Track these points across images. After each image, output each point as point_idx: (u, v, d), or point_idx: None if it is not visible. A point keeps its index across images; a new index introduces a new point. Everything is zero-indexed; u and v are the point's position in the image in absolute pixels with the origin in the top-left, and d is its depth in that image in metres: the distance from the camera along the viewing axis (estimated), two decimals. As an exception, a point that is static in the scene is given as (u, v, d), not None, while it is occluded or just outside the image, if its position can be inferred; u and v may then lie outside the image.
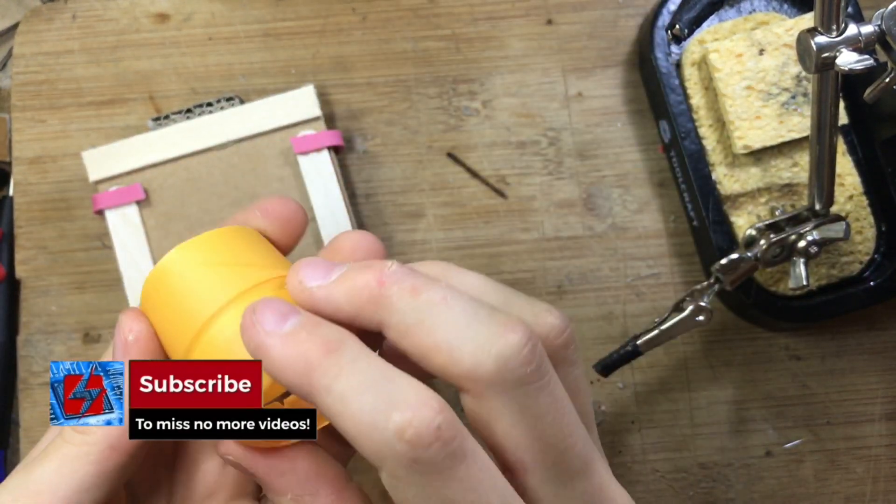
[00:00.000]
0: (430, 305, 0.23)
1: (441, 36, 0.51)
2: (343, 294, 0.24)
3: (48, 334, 0.48)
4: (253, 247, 0.29)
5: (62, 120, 0.50)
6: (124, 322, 0.27)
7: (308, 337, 0.23)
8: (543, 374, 0.23)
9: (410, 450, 0.21)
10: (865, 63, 0.35)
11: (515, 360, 0.22)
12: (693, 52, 0.48)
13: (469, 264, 0.49)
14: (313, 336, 0.23)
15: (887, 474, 0.48)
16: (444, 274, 0.26)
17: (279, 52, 0.51)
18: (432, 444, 0.21)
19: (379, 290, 0.24)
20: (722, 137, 0.47)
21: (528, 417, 0.23)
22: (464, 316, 0.23)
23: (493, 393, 0.23)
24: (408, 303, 0.23)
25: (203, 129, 0.47)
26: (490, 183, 0.50)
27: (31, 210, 0.49)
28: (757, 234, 0.45)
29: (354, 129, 0.50)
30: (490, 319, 0.23)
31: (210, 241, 0.28)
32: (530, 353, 0.23)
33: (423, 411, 0.21)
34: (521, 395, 0.23)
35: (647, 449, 0.48)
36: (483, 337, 0.22)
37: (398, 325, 0.24)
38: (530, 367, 0.23)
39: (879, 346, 0.49)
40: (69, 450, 0.25)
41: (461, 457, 0.22)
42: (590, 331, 0.49)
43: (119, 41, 0.51)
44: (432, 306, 0.23)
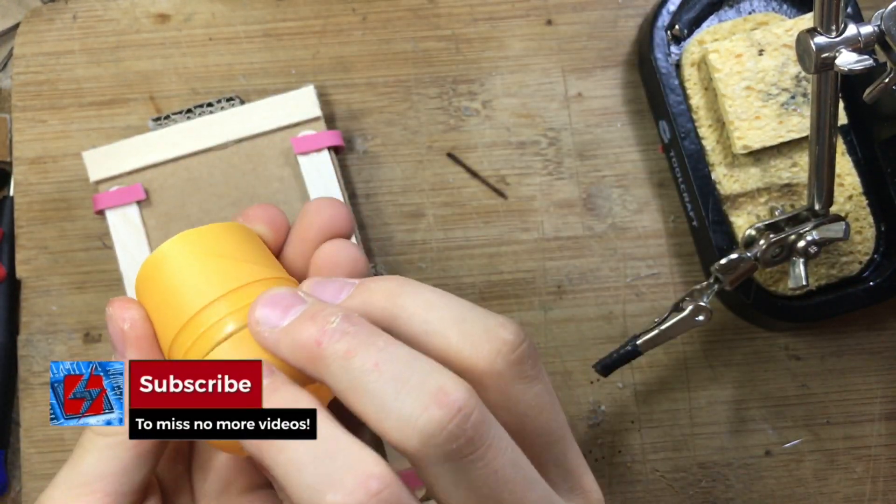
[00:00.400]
0: (361, 372, 0.23)
1: (441, 36, 0.51)
2: (286, 348, 0.24)
3: (49, 334, 0.48)
4: (247, 244, 0.29)
5: (63, 120, 0.50)
6: (116, 313, 0.27)
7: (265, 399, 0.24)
8: (477, 447, 0.22)
9: None
10: (865, 63, 0.35)
11: (440, 437, 0.22)
12: (693, 53, 0.48)
13: (469, 264, 0.49)
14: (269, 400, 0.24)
15: (886, 474, 0.48)
16: (394, 296, 0.25)
17: (279, 53, 0.51)
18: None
19: (316, 349, 0.23)
20: (721, 138, 0.47)
21: (462, 490, 0.23)
22: (392, 385, 0.22)
23: (424, 465, 0.22)
24: (340, 366, 0.23)
25: (203, 129, 0.47)
26: (490, 183, 0.50)
27: (31, 210, 0.49)
28: (756, 234, 0.45)
29: (355, 129, 0.50)
30: (421, 387, 0.22)
31: (208, 233, 0.28)
32: (457, 428, 0.22)
33: (358, 493, 0.21)
34: (451, 470, 0.22)
35: (647, 449, 0.48)
36: (409, 410, 0.22)
37: (335, 386, 0.23)
38: (457, 442, 0.22)
39: (879, 345, 0.49)
40: (105, 441, 0.26)
41: None
42: (589, 331, 0.49)
43: (120, 41, 0.51)
44: (363, 374, 0.23)
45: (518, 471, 0.23)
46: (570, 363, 0.49)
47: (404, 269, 0.49)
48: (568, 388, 0.48)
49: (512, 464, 0.23)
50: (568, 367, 0.49)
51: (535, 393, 0.25)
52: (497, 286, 0.49)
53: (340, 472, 0.22)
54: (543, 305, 0.49)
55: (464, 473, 0.22)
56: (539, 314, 0.49)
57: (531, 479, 0.24)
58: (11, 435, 0.48)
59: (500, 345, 0.24)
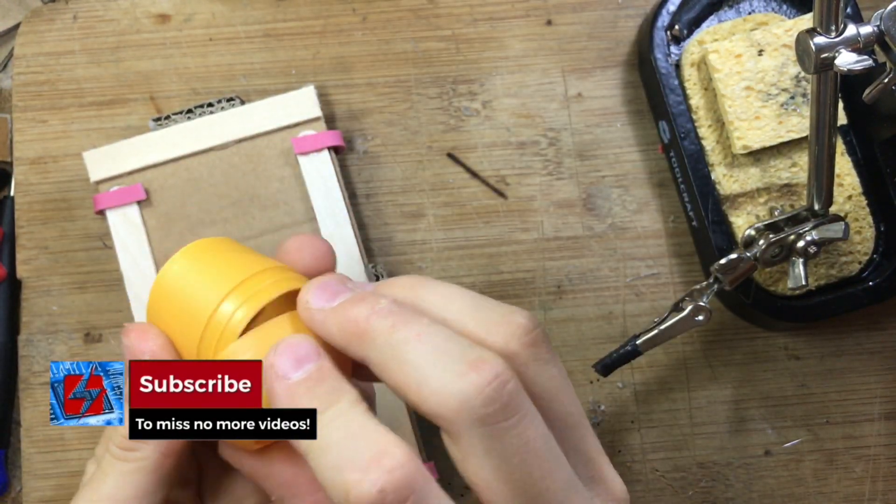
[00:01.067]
0: (404, 343, 0.24)
1: (441, 36, 0.51)
2: (336, 325, 0.25)
3: (49, 334, 0.48)
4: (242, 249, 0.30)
5: (63, 120, 0.50)
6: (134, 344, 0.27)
7: (306, 392, 0.24)
8: (510, 414, 0.23)
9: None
10: (864, 63, 0.35)
11: (477, 399, 0.22)
12: (692, 53, 0.48)
13: (469, 264, 0.49)
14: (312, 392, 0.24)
15: (886, 474, 0.48)
16: (414, 288, 0.27)
17: (280, 53, 0.51)
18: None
19: (365, 325, 0.25)
20: (721, 138, 0.48)
21: (495, 459, 0.23)
22: (434, 353, 0.23)
23: (459, 431, 0.23)
24: (386, 339, 0.24)
25: (204, 129, 0.47)
26: (490, 183, 0.50)
27: (32, 210, 0.49)
28: (756, 234, 0.45)
29: (355, 129, 0.50)
30: (460, 357, 0.23)
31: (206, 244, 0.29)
32: (494, 392, 0.23)
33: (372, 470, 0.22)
34: (486, 436, 0.23)
35: (647, 448, 0.48)
36: (449, 375, 0.23)
37: (376, 360, 0.24)
38: (493, 406, 0.23)
39: (878, 345, 0.49)
40: (125, 466, 0.27)
41: None
42: (589, 331, 0.49)
43: (120, 42, 0.51)
44: (406, 343, 0.24)
45: (549, 446, 0.24)
46: (570, 363, 0.49)
47: (404, 269, 0.49)
48: (568, 387, 0.48)
49: (543, 438, 0.24)
50: (568, 366, 0.49)
51: (550, 375, 0.25)
52: (497, 286, 0.49)
53: (359, 452, 0.22)
54: (543, 305, 0.49)
55: (497, 441, 0.23)
56: (539, 314, 0.49)
57: (559, 458, 0.24)
58: (12, 435, 0.49)
59: (515, 328, 0.25)
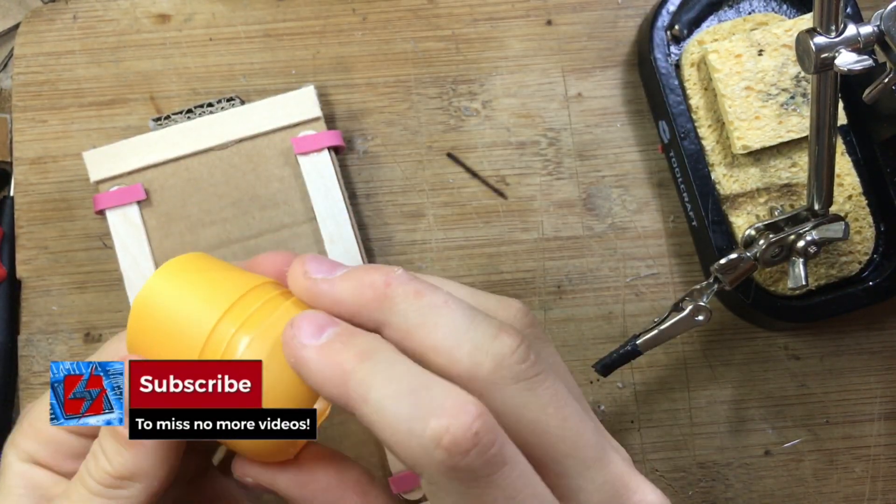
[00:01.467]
0: (432, 308, 0.24)
1: (441, 36, 0.51)
2: (348, 290, 0.25)
3: (49, 334, 0.48)
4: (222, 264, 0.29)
5: (63, 120, 0.50)
6: None
7: (343, 347, 0.24)
8: (539, 371, 0.24)
9: (449, 457, 0.21)
10: (864, 63, 0.35)
11: (511, 358, 0.23)
12: (692, 53, 0.48)
13: (469, 264, 0.49)
14: (348, 346, 0.24)
15: (886, 474, 0.48)
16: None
17: (280, 53, 0.51)
18: (470, 450, 0.21)
19: (385, 290, 0.25)
20: (721, 138, 0.48)
21: (532, 411, 0.24)
22: (463, 319, 0.24)
23: (493, 391, 0.23)
24: (411, 304, 0.24)
25: (204, 129, 0.47)
26: (490, 183, 0.50)
27: (32, 210, 0.49)
28: (756, 234, 0.45)
29: (355, 129, 0.50)
30: (487, 323, 0.24)
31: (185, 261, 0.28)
32: (525, 351, 0.23)
33: (461, 417, 0.22)
34: (521, 391, 0.23)
35: (647, 448, 0.48)
36: (480, 338, 0.23)
37: (400, 324, 0.24)
38: (526, 363, 0.23)
39: (878, 345, 0.49)
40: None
41: (500, 463, 0.22)
42: (589, 330, 0.49)
43: (120, 42, 0.51)
44: (434, 308, 0.24)
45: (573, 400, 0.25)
46: (570, 363, 0.49)
47: (404, 268, 0.49)
48: (568, 387, 0.48)
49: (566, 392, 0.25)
50: (568, 366, 0.49)
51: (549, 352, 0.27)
52: (497, 286, 0.49)
53: (440, 398, 0.22)
54: (543, 305, 0.49)
55: (533, 394, 0.24)
56: (539, 314, 0.49)
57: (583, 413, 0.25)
58: (12, 434, 0.49)
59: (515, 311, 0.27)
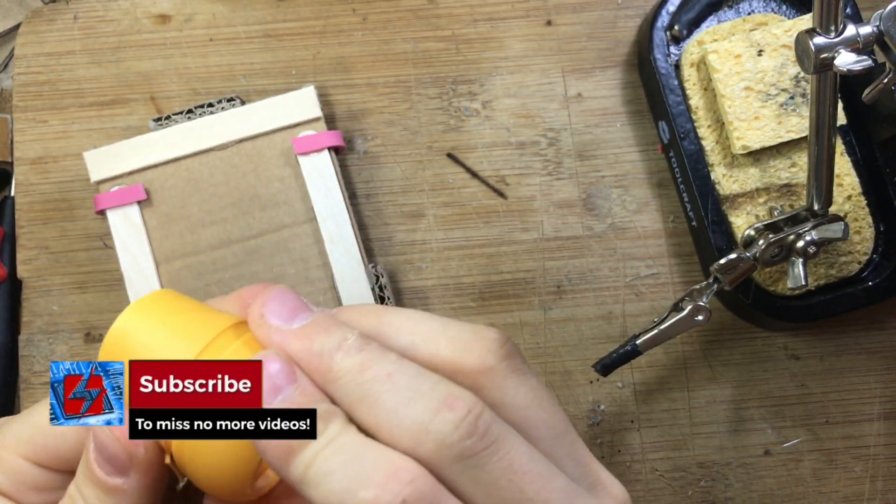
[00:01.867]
0: (374, 382, 0.23)
1: (441, 37, 0.51)
2: (298, 351, 0.25)
3: (50, 334, 0.48)
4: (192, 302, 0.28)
5: (64, 120, 0.50)
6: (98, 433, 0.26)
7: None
8: (489, 442, 0.23)
9: None
10: (864, 64, 0.35)
11: (454, 436, 0.22)
12: (692, 53, 0.48)
13: (469, 264, 0.49)
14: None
15: (885, 473, 0.48)
16: (378, 314, 0.26)
17: (280, 53, 0.51)
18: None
19: (330, 362, 0.24)
20: (721, 138, 0.48)
21: (483, 486, 0.23)
22: (405, 392, 0.23)
23: (440, 469, 0.23)
24: (353, 379, 0.24)
25: (204, 129, 0.47)
26: (490, 183, 0.50)
27: (32, 210, 0.49)
28: (755, 234, 0.45)
29: (355, 129, 0.50)
30: (430, 396, 0.23)
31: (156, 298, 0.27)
32: (470, 426, 0.22)
33: (389, 485, 0.21)
34: (467, 468, 0.23)
35: (647, 448, 0.48)
36: (422, 414, 0.22)
37: (342, 400, 0.24)
38: (472, 438, 0.22)
39: (878, 345, 0.49)
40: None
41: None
42: (589, 330, 0.49)
43: (120, 42, 0.51)
44: (375, 383, 0.23)
45: (535, 462, 0.24)
46: (570, 363, 0.49)
47: (404, 268, 0.49)
48: (567, 387, 0.48)
49: (528, 456, 0.24)
50: (567, 366, 0.49)
51: (530, 386, 0.25)
52: (497, 286, 0.49)
53: (370, 470, 0.22)
54: (543, 305, 0.49)
55: (481, 470, 0.23)
56: (539, 314, 0.49)
57: (550, 469, 0.24)
58: (13, 434, 0.49)
59: (489, 342, 0.25)
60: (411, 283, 0.49)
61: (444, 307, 0.49)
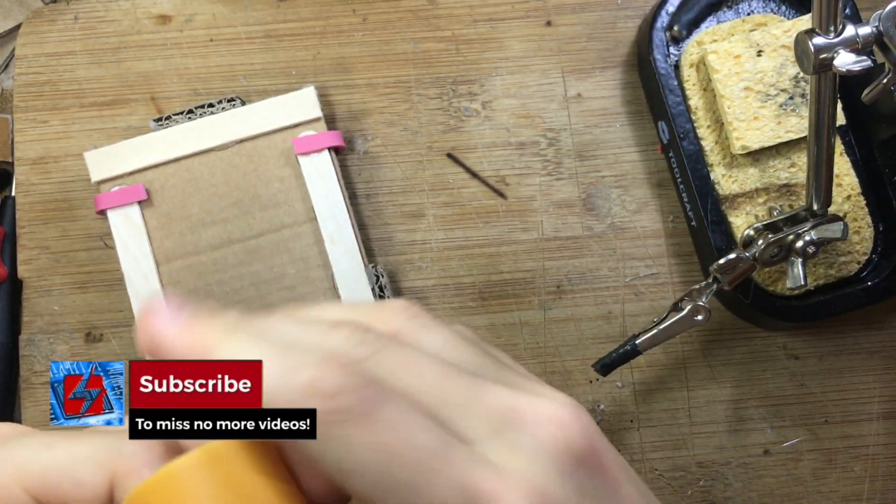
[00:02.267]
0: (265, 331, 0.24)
1: (441, 37, 0.51)
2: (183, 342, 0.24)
3: (50, 334, 0.49)
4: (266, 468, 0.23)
5: (64, 121, 0.50)
6: None
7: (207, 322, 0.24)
8: (384, 344, 0.22)
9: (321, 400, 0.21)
10: (863, 64, 0.36)
11: (346, 346, 0.22)
12: (691, 54, 0.48)
13: (469, 264, 0.49)
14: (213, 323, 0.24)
15: (884, 473, 0.49)
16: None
17: (280, 54, 0.51)
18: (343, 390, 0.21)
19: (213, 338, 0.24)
20: (720, 138, 0.48)
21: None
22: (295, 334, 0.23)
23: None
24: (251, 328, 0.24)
25: (204, 129, 0.47)
26: (490, 183, 0.50)
27: (33, 210, 0.50)
28: (755, 234, 0.45)
29: (355, 129, 0.50)
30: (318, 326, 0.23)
31: (232, 454, 0.23)
32: (359, 335, 0.22)
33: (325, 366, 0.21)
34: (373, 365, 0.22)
35: (646, 448, 0.49)
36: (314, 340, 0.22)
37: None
38: (362, 346, 0.22)
39: (877, 345, 0.49)
40: None
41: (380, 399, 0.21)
42: (589, 330, 0.49)
43: (121, 42, 0.51)
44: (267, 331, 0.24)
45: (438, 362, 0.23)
46: (570, 362, 0.49)
47: (404, 268, 0.49)
48: (567, 387, 0.49)
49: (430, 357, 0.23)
50: (567, 366, 0.49)
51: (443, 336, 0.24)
52: (497, 286, 0.49)
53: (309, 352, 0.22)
54: (543, 305, 0.49)
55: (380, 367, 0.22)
56: (538, 314, 0.49)
57: (455, 368, 0.23)
58: (13, 434, 0.49)
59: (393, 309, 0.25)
60: (411, 282, 0.49)
61: (444, 307, 0.49)
